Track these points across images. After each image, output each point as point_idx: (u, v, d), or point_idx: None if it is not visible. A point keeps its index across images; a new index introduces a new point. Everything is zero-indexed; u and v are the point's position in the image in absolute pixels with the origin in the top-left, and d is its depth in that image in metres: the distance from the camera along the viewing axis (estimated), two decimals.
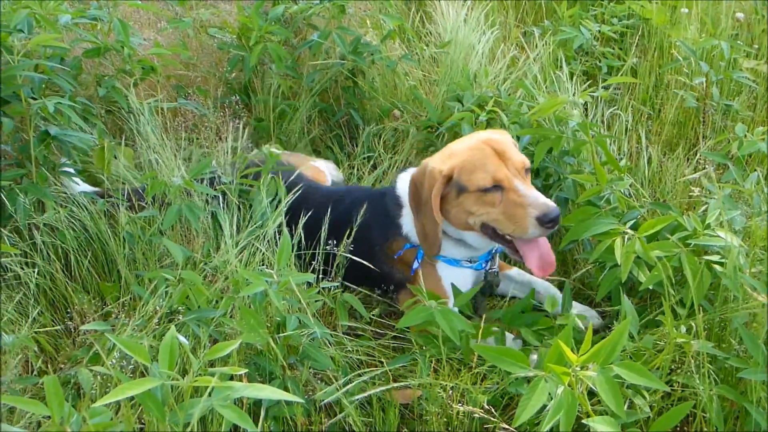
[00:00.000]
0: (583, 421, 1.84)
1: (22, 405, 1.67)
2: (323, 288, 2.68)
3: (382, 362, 2.54)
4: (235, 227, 2.80)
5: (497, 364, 1.89)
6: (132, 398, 1.80)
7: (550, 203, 2.55)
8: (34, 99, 2.96)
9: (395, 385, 2.36)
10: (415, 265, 2.83)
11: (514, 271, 3.16)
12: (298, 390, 2.26)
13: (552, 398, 1.78)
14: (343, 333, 2.69)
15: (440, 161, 2.72)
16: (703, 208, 2.90)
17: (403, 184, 2.90)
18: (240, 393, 1.69)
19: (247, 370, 1.81)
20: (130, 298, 2.71)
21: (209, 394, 1.68)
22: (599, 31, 4.60)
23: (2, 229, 2.81)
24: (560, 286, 3.01)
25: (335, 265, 2.88)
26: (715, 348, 2.23)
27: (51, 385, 1.68)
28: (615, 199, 2.86)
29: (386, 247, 2.90)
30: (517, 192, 2.60)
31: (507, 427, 2.06)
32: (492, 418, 2.16)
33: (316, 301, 2.47)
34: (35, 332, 2.56)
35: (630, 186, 3.27)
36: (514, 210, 2.59)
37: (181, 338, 1.80)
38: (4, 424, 1.82)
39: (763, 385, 2.12)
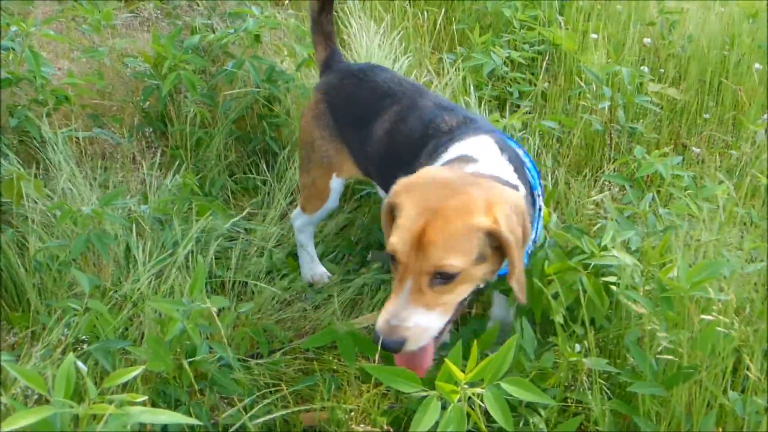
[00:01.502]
0: None
1: None
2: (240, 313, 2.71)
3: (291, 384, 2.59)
4: (147, 254, 2.83)
5: (390, 384, 1.95)
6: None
7: (388, 331, 2.06)
8: None
9: (299, 408, 2.42)
10: None
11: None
12: (204, 415, 2.29)
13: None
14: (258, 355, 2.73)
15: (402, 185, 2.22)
16: (596, 227, 3.02)
17: None
18: (136, 418, 1.72)
19: (147, 397, 1.84)
20: (41, 327, 2.71)
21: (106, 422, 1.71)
22: (508, 58, 4.74)
23: None
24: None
25: None
26: (609, 364, 2.32)
27: None
28: None
29: None
30: (392, 293, 2.12)
31: None
32: None
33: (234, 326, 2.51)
34: None
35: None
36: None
37: (80, 364, 1.83)
38: None
39: (653, 399, 2.23)
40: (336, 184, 3.16)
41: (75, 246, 2.71)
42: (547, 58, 4.90)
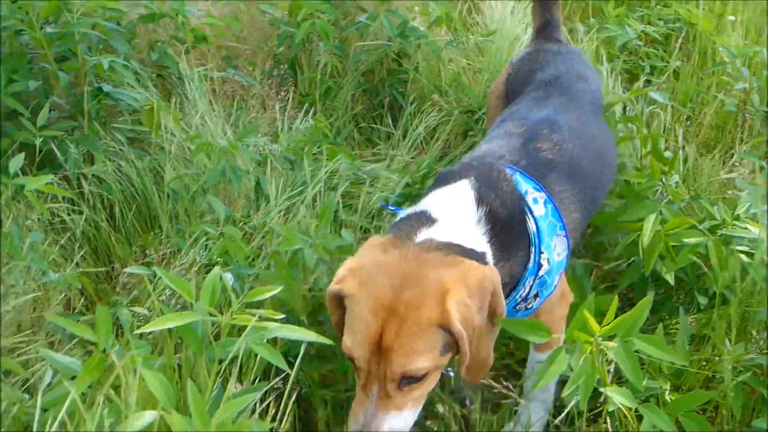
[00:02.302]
0: (601, 389, 1.88)
1: (71, 327, 1.76)
2: None
3: None
4: (277, 191, 2.89)
5: (520, 336, 1.94)
6: (172, 333, 1.88)
7: None
8: (90, 56, 3.08)
9: None
10: None
11: None
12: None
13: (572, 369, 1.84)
14: None
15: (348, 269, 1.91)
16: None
17: None
18: (275, 333, 1.77)
19: (283, 315, 1.87)
20: (170, 252, 2.80)
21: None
22: (643, 32, 4.62)
23: (53, 176, 2.91)
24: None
25: None
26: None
27: (102, 314, 1.77)
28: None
29: None
30: (357, 398, 1.88)
31: None
32: None
33: None
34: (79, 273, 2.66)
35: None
36: None
37: (227, 275, 1.88)
38: (52, 353, 1.90)
39: None
40: None
41: (210, 175, 2.78)
42: (681, 36, 4.74)
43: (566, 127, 2.41)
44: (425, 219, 2.02)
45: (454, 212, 2.04)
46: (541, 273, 2.10)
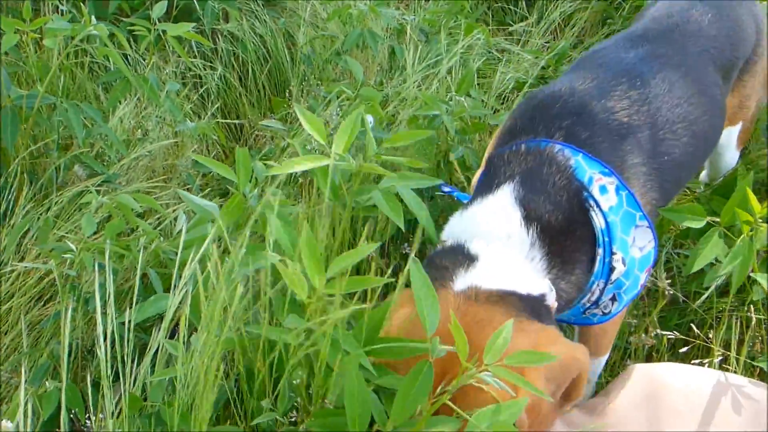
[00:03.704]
0: (751, 274, 1.77)
1: (212, 165, 1.73)
2: None
3: None
4: (413, 60, 2.81)
5: (678, 221, 1.83)
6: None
7: None
8: None
9: None
10: None
11: None
12: None
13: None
14: None
15: None
16: None
17: None
18: (415, 184, 1.72)
19: (426, 166, 1.80)
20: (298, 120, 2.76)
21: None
22: None
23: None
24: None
25: None
26: None
27: (242, 155, 1.74)
28: None
29: None
30: None
31: None
32: None
33: None
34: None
35: None
36: None
37: (369, 117, 1.81)
38: (191, 195, 1.90)
39: None
40: None
41: (349, 38, 2.71)
42: None
43: (655, 82, 1.87)
44: (462, 257, 1.52)
45: (499, 244, 1.57)
46: (614, 277, 1.67)
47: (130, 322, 1.39)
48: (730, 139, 2.28)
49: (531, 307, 1.48)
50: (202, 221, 1.77)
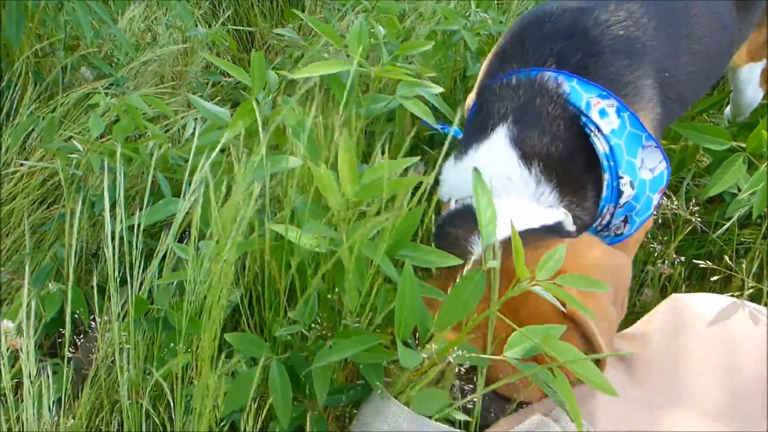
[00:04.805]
0: None
1: (226, 66, 1.67)
2: None
3: None
4: None
5: (700, 143, 1.78)
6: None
7: None
8: None
9: None
10: None
11: None
12: None
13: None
14: None
15: None
16: None
17: None
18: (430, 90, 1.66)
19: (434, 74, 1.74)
20: (312, 34, 2.68)
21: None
22: None
23: None
24: None
25: None
26: None
27: (257, 59, 1.67)
28: None
29: None
30: None
31: None
32: None
33: None
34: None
35: None
36: None
37: (380, 28, 1.75)
38: (201, 100, 1.83)
39: None
40: None
41: None
42: None
43: None
44: (473, 220, 1.30)
45: (504, 195, 1.52)
46: (623, 201, 1.62)
47: (139, 225, 1.34)
48: (752, 75, 2.21)
49: (553, 231, 1.47)
50: (213, 127, 1.71)
